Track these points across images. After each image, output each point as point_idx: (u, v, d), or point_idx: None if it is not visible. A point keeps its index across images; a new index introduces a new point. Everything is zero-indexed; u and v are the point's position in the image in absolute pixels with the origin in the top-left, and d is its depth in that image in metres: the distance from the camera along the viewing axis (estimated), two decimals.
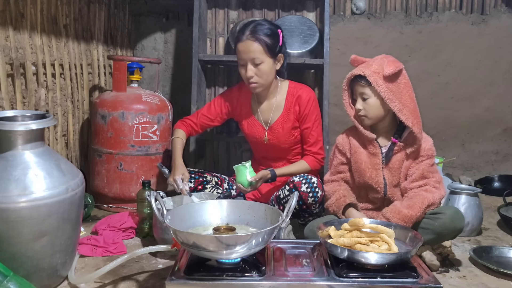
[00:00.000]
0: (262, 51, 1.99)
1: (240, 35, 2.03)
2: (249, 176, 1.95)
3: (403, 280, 1.30)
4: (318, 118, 2.16)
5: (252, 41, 1.98)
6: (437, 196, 1.77)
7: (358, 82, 1.81)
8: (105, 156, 2.39)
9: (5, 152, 1.40)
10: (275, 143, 2.19)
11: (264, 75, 2.03)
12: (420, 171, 1.81)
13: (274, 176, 2.04)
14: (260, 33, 1.99)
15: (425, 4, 3.11)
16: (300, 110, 2.13)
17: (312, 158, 2.13)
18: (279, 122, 2.16)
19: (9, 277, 1.23)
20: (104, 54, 2.81)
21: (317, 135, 2.14)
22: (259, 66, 2.00)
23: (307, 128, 2.14)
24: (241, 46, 2.01)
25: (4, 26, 1.90)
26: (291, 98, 2.15)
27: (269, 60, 2.02)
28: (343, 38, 3.13)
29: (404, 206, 1.74)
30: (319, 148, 2.14)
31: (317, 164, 2.14)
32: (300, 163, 2.13)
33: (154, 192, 1.45)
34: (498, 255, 1.90)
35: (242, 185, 1.96)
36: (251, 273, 1.31)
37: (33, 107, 2.10)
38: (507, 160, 3.28)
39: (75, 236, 1.57)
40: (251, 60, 1.99)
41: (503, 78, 3.18)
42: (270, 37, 2.01)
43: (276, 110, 2.17)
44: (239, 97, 2.24)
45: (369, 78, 1.76)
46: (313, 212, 1.98)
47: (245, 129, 2.27)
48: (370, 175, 1.85)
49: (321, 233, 1.53)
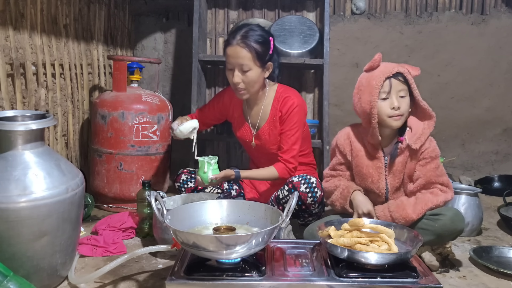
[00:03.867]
0: (250, 58, 1.94)
1: (230, 38, 1.98)
2: (211, 173, 1.90)
3: (403, 280, 1.30)
4: (297, 126, 2.05)
5: (241, 48, 1.93)
6: (442, 199, 1.76)
7: (397, 79, 1.74)
8: (105, 156, 2.39)
9: (5, 152, 1.40)
10: (262, 147, 2.17)
11: (251, 83, 1.99)
12: (427, 177, 1.78)
13: (237, 178, 2.00)
14: (251, 39, 1.94)
15: (425, 4, 3.10)
16: (281, 115, 2.07)
17: (283, 166, 2.04)
18: (265, 129, 2.13)
19: (9, 277, 1.23)
20: (104, 54, 2.81)
21: (291, 143, 2.04)
22: (247, 73, 1.96)
23: (283, 133, 2.06)
24: (230, 50, 1.96)
25: (4, 26, 1.90)
26: (276, 104, 2.10)
27: (257, 69, 1.97)
28: (343, 38, 3.13)
29: (410, 205, 1.75)
30: (291, 157, 2.04)
31: (286, 173, 2.04)
32: (269, 169, 2.06)
33: (154, 192, 1.45)
34: (498, 255, 1.90)
35: (202, 180, 1.92)
36: (251, 273, 1.31)
37: (33, 107, 2.10)
38: (507, 160, 3.28)
39: (75, 236, 1.57)
40: (239, 66, 1.95)
41: (503, 78, 3.18)
42: (260, 44, 1.95)
43: (263, 115, 2.14)
44: (232, 99, 2.22)
45: (407, 75, 1.74)
46: (312, 212, 1.98)
47: (236, 132, 2.27)
48: (372, 180, 1.84)
49: (321, 233, 1.53)
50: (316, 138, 2.75)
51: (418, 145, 1.77)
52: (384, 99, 1.74)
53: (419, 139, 1.77)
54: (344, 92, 3.08)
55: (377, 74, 1.74)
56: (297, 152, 2.08)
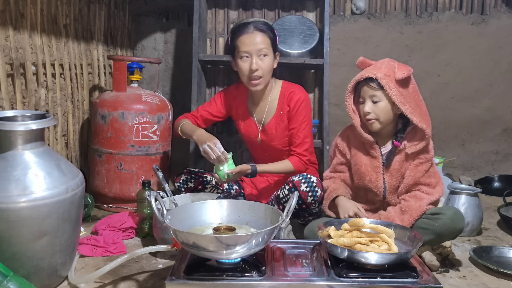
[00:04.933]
0: (269, 43, 2.03)
1: (242, 28, 2.04)
2: (227, 168, 1.92)
3: (403, 280, 1.30)
4: (306, 119, 2.11)
5: (259, 32, 2.01)
6: (426, 202, 1.76)
7: (367, 84, 1.78)
8: (105, 156, 2.39)
9: (5, 152, 1.40)
10: (268, 143, 2.19)
11: (267, 69, 2.04)
12: (415, 178, 1.79)
13: (254, 172, 2.02)
14: (265, 27, 2.05)
15: (425, 4, 3.10)
16: (289, 110, 2.12)
17: (297, 159, 2.09)
18: (272, 123, 2.16)
19: (9, 277, 1.23)
20: (104, 54, 2.81)
21: (303, 137, 2.09)
22: (264, 59, 2.02)
23: (294, 128, 2.11)
24: (246, 38, 2.01)
25: (4, 26, 1.90)
26: (283, 98, 2.14)
27: (272, 55, 2.06)
28: (343, 38, 3.13)
29: (397, 214, 1.77)
30: (304, 150, 2.09)
31: (301, 165, 2.08)
32: (284, 162, 2.09)
33: (154, 192, 1.45)
34: (498, 255, 1.90)
35: (219, 175, 1.94)
36: (251, 273, 1.31)
37: (33, 107, 2.10)
38: (507, 160, 3.28)
39: (75, 236, 1.57)
40: (257, 51, 2.00)
41: (503, 78, 3.18)
42: (272, 32, 2.07)
43: (269, 110, 2.17)
44: (236, 96, 2.25)
45: (381, 81, 1.74)
46: (312, 211, 1.98)
47: (241, 129, 2.27)
48: (370, 178, 1.85)
49: (321, 233, 1.53)
50: (316, 138, 2.75)
51: (412, 151, 1.79)
52: (362, 102, 1.81)
53: (414, 146, 1.79)
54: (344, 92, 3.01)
55: (354, 78, 1.82)
56: (310, 145, 2.12)
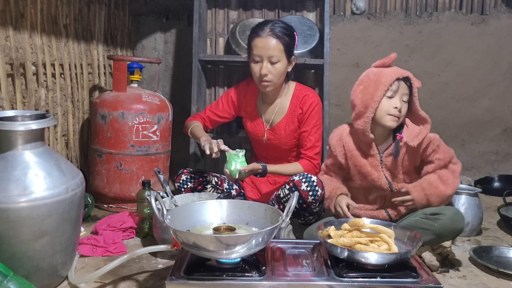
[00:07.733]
0: (281, 50, 1.99)
1: (259, 31, 2.01)
2: (239, 165, 1.93)
3: (403, 280, 1.30)
4: (318, 123, 2.14)
5: (273, 38, 1.98)
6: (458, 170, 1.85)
7: (405, 83, 1.81)
8: (105, 156, 2.39)
9: (5, 152, 1.40)
10: (275, 143, 2.20)
11: (278, 75, 2.03)
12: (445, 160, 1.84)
13: (265, 171, 2.03)
14: (281, 31, 1.99)
15: (425, 4, 3.10)
16: (301, 112, 2.13)
17: (308, 162, 2.11)
18: (282, 124, 2.17)
19: (9, 277, 1.23)
20: (104, 54, 2.81)
21: (315, 140, 2.12)
22: (275, 65, 2.00)
23: (305, 131, 2.13)
24: (260, 42, 1.99)
25: (4, 26, 1.90)
26: (295, 101, 2.15)
27: (285, 61, 2.03)
28: (343, 38, 3.13)
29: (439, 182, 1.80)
30: (315, 154, 2.12)
31: (311, 169, 2.10)
32: (295, 165, 2.11)
33: (154, 192, 1.45)
34: (498, 255, 1.90)
35: (231, 173, 1.94)
36: (251, 273, 1.31)
37: (33, 107, 2.10)
38: (507, 160, 3.28)
39: (75, 236, 1.57)
40: (269, 57, 1.99)
41: (503, 78, 3.18)
42: (289, 37, 2.02)
43: (280, 111, 2.17)
44: (246, 94, 2.26)
45: (413, 83, 1.80)
46: (313, 211, 1.98)
47: (248, 127, 2.28)
48: (373, 178, 1.87)
49: (321, 233, 1.53)
50: None
51: (415, 143, 1.80)
52: (390, 97, 1.79)
53: (417, 137, 1.81)
54: (344, 92, 3.08)
55: (388, 73, 1.79)
56: (320, 149, 2.14)
